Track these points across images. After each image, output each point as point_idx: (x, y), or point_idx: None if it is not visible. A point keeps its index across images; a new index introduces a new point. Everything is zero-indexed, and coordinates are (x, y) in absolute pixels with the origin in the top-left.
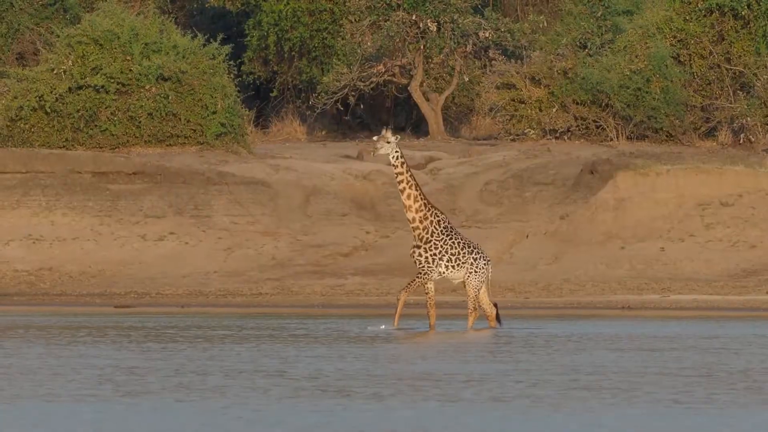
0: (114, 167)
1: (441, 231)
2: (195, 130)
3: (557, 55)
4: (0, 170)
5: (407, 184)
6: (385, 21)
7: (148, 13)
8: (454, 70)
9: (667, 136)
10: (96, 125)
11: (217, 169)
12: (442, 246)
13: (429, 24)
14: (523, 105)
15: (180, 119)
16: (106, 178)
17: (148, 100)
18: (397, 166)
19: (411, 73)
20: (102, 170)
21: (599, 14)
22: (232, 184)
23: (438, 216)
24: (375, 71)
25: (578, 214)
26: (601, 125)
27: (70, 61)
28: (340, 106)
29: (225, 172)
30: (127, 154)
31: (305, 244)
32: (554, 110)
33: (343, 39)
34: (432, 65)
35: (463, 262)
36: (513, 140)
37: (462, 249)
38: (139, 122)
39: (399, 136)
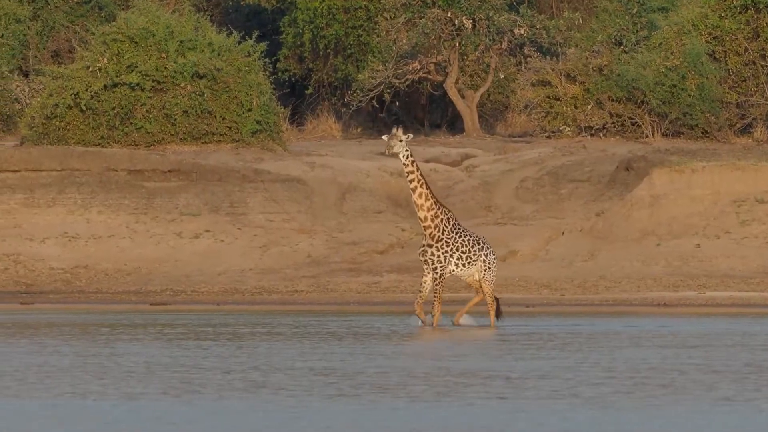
0: (149, 165)
1: (451, 229)
2: (230, 128)
3: (592, 52)
4: (36, 168)
5: (418, 182)
6: (421, 18)
7: (183, 10)
8: (489, 67)
9: (702, 132)
10: (131, 123)
11: (253, 167)
12: (452, 244)
13: (464, 21)
14: (558, 102)
15: (215, 117)
16: (142, 176)
17: (183, 97)
18: (407, 165)
19: (446, 70)
20: (137, 168)
21: (634, 11)
22: (267, 181)
23: (447, 214)
24: (410, 68)
25: (614, 211)
26: (636, 122)
27: (105, 59)
28: (375, 103)
29: (260, 170)
30: (163, 152)
31: (341, 241)
32: (589, 107)
33: (378, 36)
34: (467, 62)
35: (474, 260)
36: (548, 137)
37: (473, 246)
38: (175, 120)
39: (411, 135)
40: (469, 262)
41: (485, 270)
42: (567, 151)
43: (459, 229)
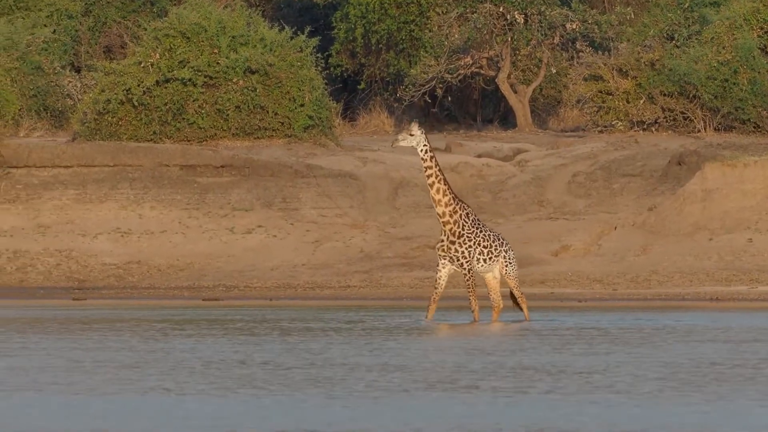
0: (202, 160)
1: (471, 224)
2: (283, 123)
3: (644, 46)
4: (88, 164)
5: (436, 178)
6: (473, 13)
7: (235, 5)
8: (541, 62)
9: (754, 127)
10: (183, 118)
11: (305, 162)
12: (474, 239)
13: (516, 16)
14: (610, 97)
15: (268, 112)
16: (194, 171)
17: (235, 93)
18: (426, 159)
19: (498, 65)
20: (190, 163)
21: (686, 6)
22: (320, 176)
23: (466, 209)
24: (462, 63)
25: (666, 205)
26: (688, 117)
27: (157, 55)
28: (427, 98)
29: (313, 165)
30: (215, 147)
31: (393, 236)
32: (641, 102)
33: (430, 31)
34: (519, 57)
35: (496, 255)
36: (600, 132)
37: (493, 242)
38: (227, 115)
39: (423, 130)
40: (491, 258)
41: (507, 265)
42: (619, 146)
43: (479, 224)
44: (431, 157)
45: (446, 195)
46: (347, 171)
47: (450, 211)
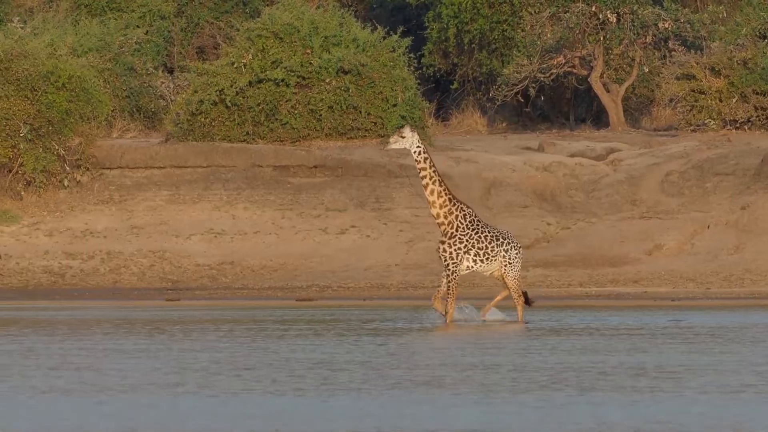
0: (295, 161)
1: (467, 225)
2: (376, 123)
3: (737, 45)
4: (181, 164)
5: (430, 179)
6: (565, 12)
7: (327, 6)
8: (634, 61)
9: None
10: (276, 119)
11: (398, 162)
12: (467, 240)
13: (609, 15)
14: (703, 96)
15: (360, 112)
16: (287, 172)
17: (328, 93)
18: (420, 161)
19: (591, 64)
20: (283, 164)
21: None
22: (413, 176)
23: (464, 210)
24: (555, 63)
25: (759, 204)
26: None
27: (250, 55)
28: (520, 98)
29: (406, 165)
30: (308, 148)
31: None
32: (734, 101)
33: (522, 31)
34: (612, 56)
35: (494, 255)
36: (693, 131)
37: (490, 242)
38: (320, 115)
39: (416, 132)
40: (487, 258)
41: (506, 265)
42: (712, 145)
43: (477, 225)
44: (425, 159)
45: (441, 196)
46: (440, 171)
47: (445, 212)
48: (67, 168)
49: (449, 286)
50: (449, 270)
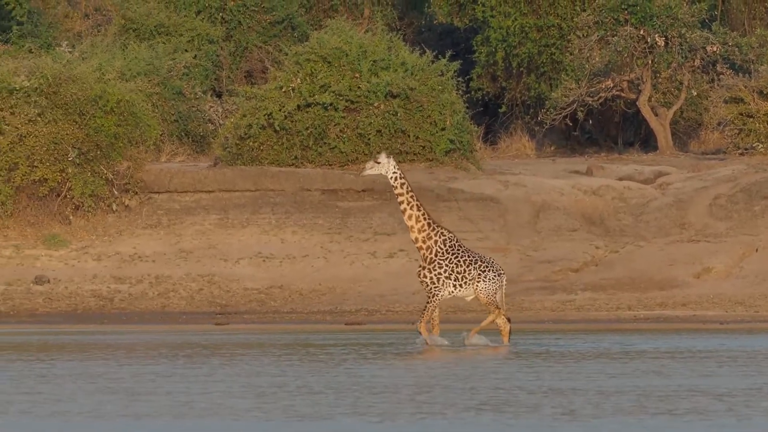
0: (343, 185)
1: (446, 250)
2: (424, 147)
3: None
4: (230, 188)
5: (408, 204)
6: (613, 36)
7: (376, 30)
8: (682, 85)
9: None
10: (325, 143)
11: (447, 186)
12: (447, 265)
13: (657, 39)
14: (751, 119)
15: (409, 136)
16: (336, 196)
17: (376, 117)
18: (396, 187)
19: (639, 87)
20: (331, 188)
21: None
22: (461, 200)
23: (444, 235)
24: (603, 86)
25: None
26: None
27: (298, 79)
28: (568, 121)
29: (454, 189)
30: (357, 171)
31: (535, 259)
32: None
33: (571, 54)
34: (660, 80)
35: (470, 279)
36: (741, 154)
37: (468, 266)
38: (368, 139)
39: (392, 158)
40: (464, 283)
41: (477, 282)
42: (760, 168)
43: (455, 250)
44: (402, 184)
45: (419, 221)
46: (488, 195)
47: (423, 237)
48: (116, 192)
49: (426, 309)
50: (430, 294)
